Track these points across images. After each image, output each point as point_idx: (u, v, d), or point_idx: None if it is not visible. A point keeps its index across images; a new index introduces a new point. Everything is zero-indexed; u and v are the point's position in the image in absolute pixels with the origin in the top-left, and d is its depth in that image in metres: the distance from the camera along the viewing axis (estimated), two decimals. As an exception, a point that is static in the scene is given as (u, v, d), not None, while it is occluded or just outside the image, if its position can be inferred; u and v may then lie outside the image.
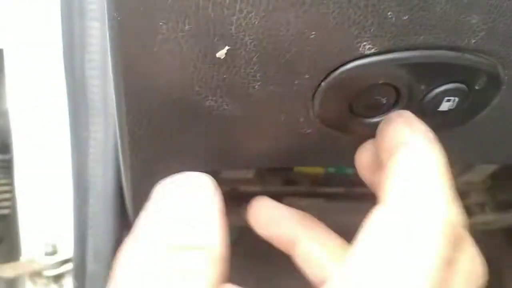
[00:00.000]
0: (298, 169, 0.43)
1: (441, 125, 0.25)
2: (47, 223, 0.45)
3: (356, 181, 0.45)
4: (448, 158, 0.28)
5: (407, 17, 0.19)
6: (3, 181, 0.45)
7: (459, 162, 0.42)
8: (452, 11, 0.19)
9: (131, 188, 0.28)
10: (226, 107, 0.21)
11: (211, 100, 0.21)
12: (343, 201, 0.44)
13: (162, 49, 0.18)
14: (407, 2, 0.18)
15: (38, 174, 0.44)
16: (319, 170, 0.43)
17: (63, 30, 0.38)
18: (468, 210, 0.48)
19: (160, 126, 0.22)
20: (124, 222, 0.42)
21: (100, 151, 0.39)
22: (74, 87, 0.38)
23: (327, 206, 0.45)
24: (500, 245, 0.72)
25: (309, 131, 0.24)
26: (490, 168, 0.43)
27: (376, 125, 0.23)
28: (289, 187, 0.44)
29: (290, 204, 0.45)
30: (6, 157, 0.44)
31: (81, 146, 0.40)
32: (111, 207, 0.40)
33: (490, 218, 0.48)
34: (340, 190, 0.44)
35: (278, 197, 0.44)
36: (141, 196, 0.30)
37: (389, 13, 0.18)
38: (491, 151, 0.27)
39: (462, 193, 0.47)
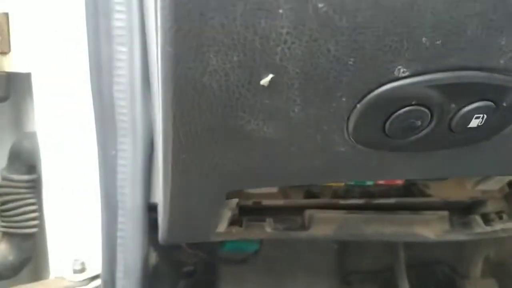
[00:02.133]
0: (320, 182, 0.44)
1: (469, 140, 0.26)
2: (75, 241, 0.46)
3: (374, 192, 0.46)
4: (476, 172, 0.29)
5: (440, 41, 0.20)
6: (31, 201, 0.46)
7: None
8: (482, 34, 0.20)
9: (169, 206, 0.29)
10: (266, 130, 0.22)
11: (253, 123, 0.22)
12: (362, 212, 0.45)
13: (211, 79, 0.19)
14: (441, 27, 0.19)
15: (66, 193, 0.45)
16: (339, 183, 0.44)
17: (89, 54, 0.39)
18: (487, 218, 0.49)
19: (203, 150, 0.23)
20: (150, 239, 0.43)
21: (129, 170, 0.40)
22: (102, 109, 0.40)
23: (347, 217, 0.46)
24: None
25: (343, 149, 0.25)
26: (508, 177, 0.44)
27: (408, 145, 0.24)
28: (310, 200, 0.45)
29: (311, 216, 0.46)
30: (33, 177, 0.46)
31: (109, 164, 0.41)
32: (140, 225, 0.41)
33: (509, 225, 0.49)
34: (359, 201, 0.45)
35: (299, 209, 0.45)
36: (178, 214, 0.31)
37: (423, 39, 0.19)
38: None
39: (480, 201, 0.47)
